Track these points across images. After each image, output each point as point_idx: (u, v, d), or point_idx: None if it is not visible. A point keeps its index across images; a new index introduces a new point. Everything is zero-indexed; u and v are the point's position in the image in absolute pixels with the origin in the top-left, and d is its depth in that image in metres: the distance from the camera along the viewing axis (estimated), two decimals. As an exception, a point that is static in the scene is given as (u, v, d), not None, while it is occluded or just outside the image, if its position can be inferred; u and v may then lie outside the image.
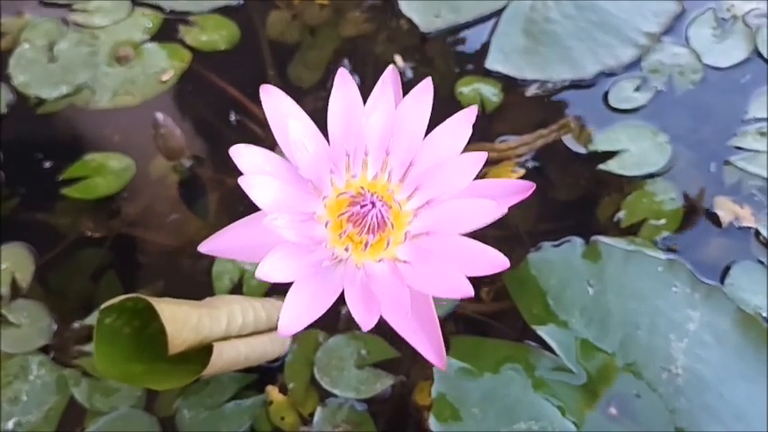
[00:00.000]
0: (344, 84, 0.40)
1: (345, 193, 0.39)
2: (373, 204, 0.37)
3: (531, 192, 0.40)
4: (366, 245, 0.38)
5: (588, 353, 0.60)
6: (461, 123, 0.40)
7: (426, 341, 0.39)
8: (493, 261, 0.37)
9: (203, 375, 0.54)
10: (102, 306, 0.51)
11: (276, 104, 0.40)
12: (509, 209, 0.38)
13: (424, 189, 0.39)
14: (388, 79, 0.41)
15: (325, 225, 0.38)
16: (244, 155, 0.38)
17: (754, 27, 0.79)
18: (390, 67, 0.42)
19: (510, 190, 0.40)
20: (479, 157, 0.38)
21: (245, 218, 0.41)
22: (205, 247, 0.41)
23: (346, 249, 0.38)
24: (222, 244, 0.41)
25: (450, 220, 0.38)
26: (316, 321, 0.37)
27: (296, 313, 0.37)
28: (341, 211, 0.38)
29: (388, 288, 0.37)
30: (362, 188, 0.38)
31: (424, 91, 0.41)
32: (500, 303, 0.64)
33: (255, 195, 0.36)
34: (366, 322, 0.36)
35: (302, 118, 0.40)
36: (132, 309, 0.53)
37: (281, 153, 0.40)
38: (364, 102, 0.40)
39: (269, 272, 0.36)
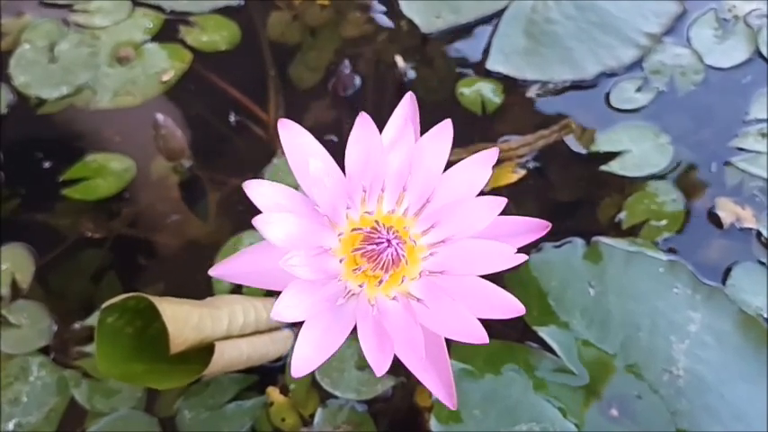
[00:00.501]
0: (365, 126, 0.39)
1: (361, 229, 0.38)
2: (389, 243, 0.37)
3: (546, 231, 0.39)
4: (381, 281, 0.37)
5: (589, 354, 0.60)
6: (481, 163, 0.40)
7: (437, 380, 0.39)
8: (509, 307, 0.36)
9: (205, 375, 0.54)
10: (104, 305, 0.51)
11: (294, 138, 0.40)
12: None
13: (440, 226, 0.38)
14: (408, 114, 0.40)
15: (340, 261, 0.38)
16: (257, 190, 0.37)
17: (756, 27, 0.79)
18: (408, 95, 0.41)
19: (525, 228, 0.40)
20: (498, 202, 0.38)
21: (256, 245, 0.40)
22: (215, 272, 0.41)
23: (360, 285, 0.37)
24: (232, 269, 0.40)
25: (466, 261, 0.37)
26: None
27: (309, 352, 0.36)
28: (355, 246, 0.38)
29: (401, 326, 0.36)
30: (377, 222, 0.38)
31: (444, 130, 0.40)
32: (501, 304, 0.64)
33: (270, 234, 0.36)
34: (379, 364, 0.35)
35: (321, 155, 0.39)
36: (134, 308, 0.53)
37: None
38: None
39: (283, 311, 0.35)
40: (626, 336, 0.61)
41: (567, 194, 0.70)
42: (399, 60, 0.79)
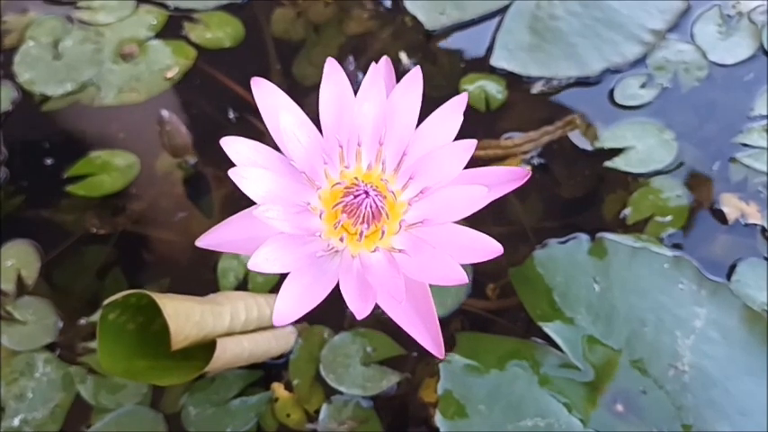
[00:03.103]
0: (334, 73, 0.40)
1: (339, 183, 0.39)
2: (367, 194, 0.37)
3: (526, 179, 0.39)
4: (361, 235, 0.38)
5: (594, 349, 0.60)
6: (452, 111, 0.40)
7: (424, 330, 0.39)
8: (487, 248, 0.37)
9: (208, 371, 0.54)
10: (106, 302, 0.51)
11: (268, 97, 0.40)
12: (513, 204, 0.38)
13: (417, 178, 0.39)
14: (380, 69, 0.41)
15: (320, 216, 0.38)
16: (234, 146, 0.38)
17: (760, 24, 0.79)
18: (383, 58, 0.41)
19: (506, 177, 0.40)
20: (469, 144, 0.38)
21: (242, 211, 0.40)
22: (203, 242, 0.41)
23: (341, 240, 0.38)
24: (220, 238, 0.41)
25: (443, 209, 0.38)
26: (321, 318, 0.37)
27: (290, 303, 0.37)
28: (335, 201, 0.38)
29: (383, 277, 0.37)
30: (356, 178, 0.38)
31: (414, 80, 0.40)
32: (506, 300, 0.64)
33: (247, 187, 0.36)
34: (360, 310, 0.36)
35: (294, 110, 0.40)
36: (136, 305, 0.53)
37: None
38: (355, 92, 0.40)
39: (261, 263, 0.35)
40: (631, 331, 0.60)
41: (572, 191, 0.70)
42: (403, 57, 0.79)
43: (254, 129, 0.74)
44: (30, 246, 0.68)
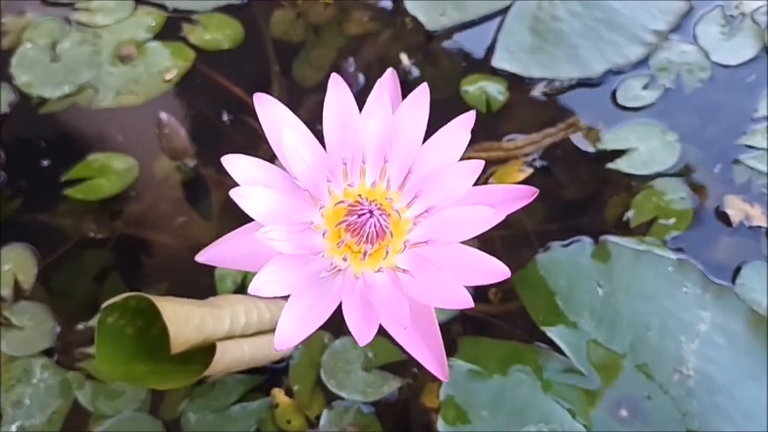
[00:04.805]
0: (338, 89, 0.39)
1: (343, 201, 0.38)
2: (371, 213, 0.36)
3: (533, 197, 0.39)
4: (365, 254, 0.37)
5: (598, 354, 0.59)
6: (460, 129, 0.39)
7: (428, 352, 0.39)
8: (493, 270, 0.36)
9: (208, 375, 0.53)
10: (104, 305, 0.51)
11: (270, 112, 0.39)
12: (516, 209, 0.38)
13: (423, 197, 0.38)
14: (385, 84, 0.40)
15: (323, 235, 0.37)
16: (235, 164, 0.37)
17: (763, 24, 0.78)
18: (389, 70, 0.41)
19: (512, 195, 0.39)
20: (477, 165, 0.37)
21: (242, 227, 0.40)
22: (203, 257, 0.40)
23: (344, 259, 0.37)
24: (220, 253, 0.40)
25: (449, 228, 0.37)
26: (323, 323, 0.36)
27: (293, 326, 0.36)
28: (339, 220, 0.37)
29: (387, 298, 0.36)
30: (360, 196, 0.37)
31: (421, 96, 0.40)
32: (508, 304, 0.63)
33: (248, 207, 0.35)
34: (363, 335, 0.35)
35: (297, 126, 0.39)
36: (135, 308, 0.53)
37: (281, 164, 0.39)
38: (360, 107, 0.39)
39: (263, 286, 0.35)
40: (635, 336, 0.60)
41: (575, 193, 0.70)
42: (404, 58, 0.78)
43: (254, 131, 0.74)
44: (27, 250, 0.68)
